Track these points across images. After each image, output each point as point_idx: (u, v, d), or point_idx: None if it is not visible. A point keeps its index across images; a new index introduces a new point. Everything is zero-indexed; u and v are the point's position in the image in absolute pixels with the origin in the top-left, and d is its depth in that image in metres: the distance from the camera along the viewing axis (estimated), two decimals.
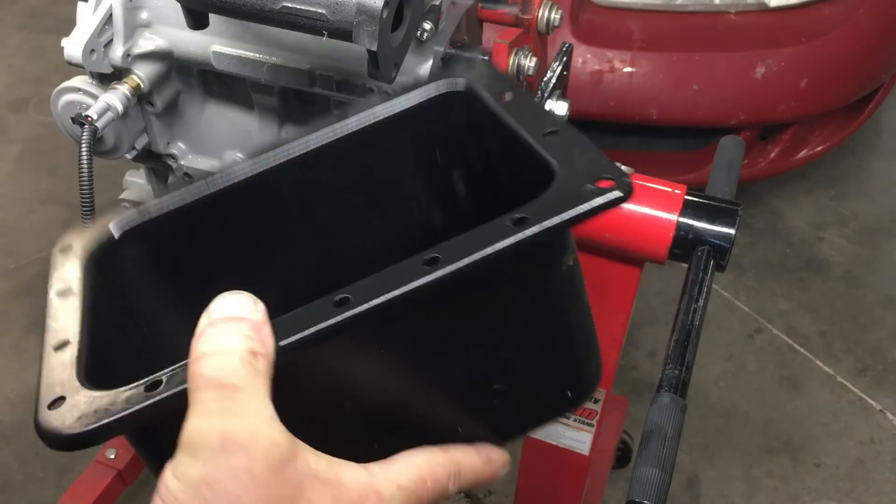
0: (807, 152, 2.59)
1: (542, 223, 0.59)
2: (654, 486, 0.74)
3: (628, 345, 2.32)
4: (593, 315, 0.80)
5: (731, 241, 0.99)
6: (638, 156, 2.49)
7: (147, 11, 1.04)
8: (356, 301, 0.56)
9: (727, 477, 2.10)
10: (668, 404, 0.81)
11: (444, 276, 0.57)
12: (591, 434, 1.29)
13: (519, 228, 0.58)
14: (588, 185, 0.61)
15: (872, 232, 2.79)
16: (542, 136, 0.68)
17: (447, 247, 0.59)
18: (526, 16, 1.08)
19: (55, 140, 3.03)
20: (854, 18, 2.33)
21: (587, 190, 0.61)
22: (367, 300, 0.56)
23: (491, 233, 0.59)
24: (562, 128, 0.69)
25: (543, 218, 0.59)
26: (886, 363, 2.37)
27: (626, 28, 2.26)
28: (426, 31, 0.95)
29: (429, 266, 0.57)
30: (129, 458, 1.74)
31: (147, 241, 0.73)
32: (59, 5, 3.76)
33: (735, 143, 1.22)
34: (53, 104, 1.07)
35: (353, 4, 0.77)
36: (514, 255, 0.58)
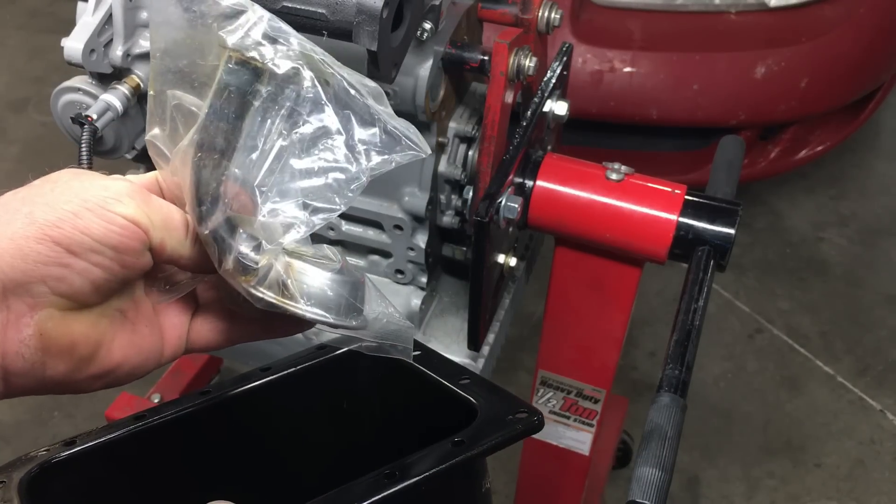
0: (807, 152, 2.59)
1: (480, 446, 0.71)
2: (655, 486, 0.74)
3: (628, 345, 2.32)
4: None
5: (731, 240, 0.99)
6: (638, 156, 2.49)
7: (147, 11, 1.04)
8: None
9: (727, 477, 2.10)
10: (669, 404, 0.81)
11: (405, 487, 0.65)
12: (592, 434, 1.29)
13: (460, 450, 0.69)
14: (510, 416, 0.74)
15: (872, 232, 2.79)
16: (458, 381, 0.81)
17: (399, 465, 0.68)
18: (526, 16, 1.08)
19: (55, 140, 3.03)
20: (854, 18, 2.33)
21: (511, 420, 0.74)
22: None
23: (437, 453, 0.69)
24: (471, 375, 0.82)
25: (478, 442, 0.71)
26: (886, 363, 2.37)
27: (627, 28, 2.26)
28: (426, 31, 0.95)
29: (388, 480, 0.66)
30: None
31: (74, 473, 0.76)
32: (58, 5, 3.76)
33: (735, 143, 1.22)
34: (53, 104, 1.07)
35: (353, 4, 0.77)
36: (453, 472, 0.68)
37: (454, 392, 0.80)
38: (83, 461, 0.75)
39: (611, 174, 1.02)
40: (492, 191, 0.98)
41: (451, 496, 0.75)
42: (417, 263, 1.15)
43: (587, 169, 1.05)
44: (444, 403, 0.81)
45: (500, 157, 1.03)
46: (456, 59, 1.02)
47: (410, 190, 1.10)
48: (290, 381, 0.86)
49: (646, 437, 0.79)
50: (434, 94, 1.01)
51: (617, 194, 1.02)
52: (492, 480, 0.82)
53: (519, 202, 0.98)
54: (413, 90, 0.98)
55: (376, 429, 0.93)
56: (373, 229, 1.15)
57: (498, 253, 1.08)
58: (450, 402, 0.80)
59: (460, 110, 1.10)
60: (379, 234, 1.15)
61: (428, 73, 0.97)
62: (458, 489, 0.76)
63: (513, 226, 1.03)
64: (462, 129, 1.09)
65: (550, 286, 1.16)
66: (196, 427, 0.83)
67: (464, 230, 1.15)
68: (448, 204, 1.13)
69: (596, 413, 1.26)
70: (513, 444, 0.76)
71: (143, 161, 1.21)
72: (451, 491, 0.74)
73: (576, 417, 1.28)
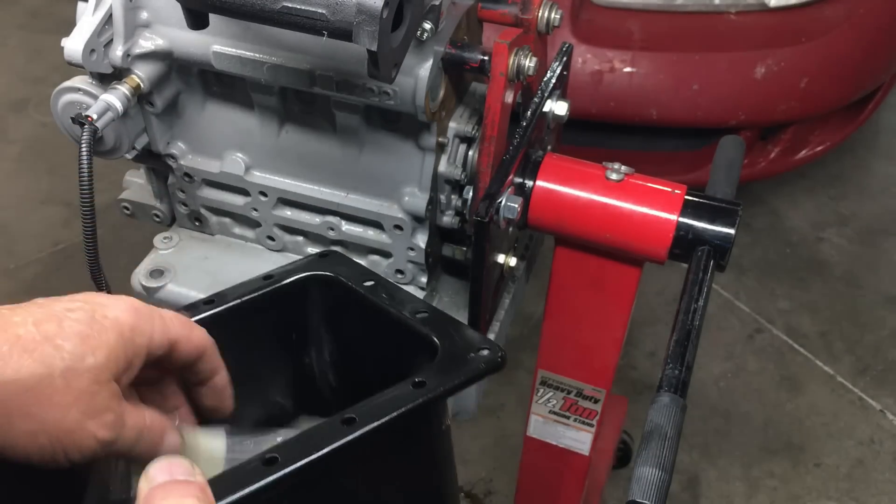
0: (807, 152, 2.59)
1: (441, 386, 0.69)
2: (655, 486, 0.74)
3: (628, 345, 2.32)
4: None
5: (730, 241, 0.99)
6: (638, 156, 2.49)
7: (147, 11, 1.04)
8: (284, 460, 0.62)
9: (727, 477, 2.10)
10: (668, 404, 0.81)
11: (365, 432, 0.65)
12: (591, 434, 1.29)
13: (420, 392, 0.68)
14: (471, 354, 0.73)
15: (872, 232, 2.80)
16: (415, 315, 0.80)
17: (360, 408, 0.67)
18: (526, 16, 1.08)
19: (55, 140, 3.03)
20: (854, 18, 2.33)
21: (471, 358, 0.73)
22: (296, 458, 0.63)
23: (396, 395, 0.68)
24: (429, 309, 0.81)
25: (440, 382, 0.70)
26: (886, 363, 2.37)
27: (626, 28, 2.26)
28: (426, 31, 0.95)
29: (346, 425, 0.65)
30: None
31: None
32: (59, 5, 3.76)
33: (735, 143, 1.22)
34: (53, 104, 1.07)
35: (353, 4, 0.77)
36: (414, 415, 0.68)
37: (413, 327, 0.79)
38: None
39: (611, 174, 1.02)
40: (492, 191, 0.98)
41: (410, 437, 0.74)
42: (417, 263, 1.15)
43: (587, 169, 1.05)
44: (402, 338, 0.79)
45: (500, 157, 1.03)
46: (456, 59, 1.02)
47: (410, 190, 1.10)
48: (236, 313, 0.85)
49: (646, 436, 0.79)
50: (434, 94, 1.01)
51: (617, 194, 1.02)
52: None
53: (519, 202, 0.98)
54: (413, 90, 0.98)
55: (332, 363, 0.91)
56: (373, 229, 1.15)
57: (498, 253, 1.08)
58: (408, 337, 0.79)
59: (460, 110, 1.11)
60: (379, 234, 1.15)
61: (428, 74, 0.97)
62: (418, 430, 0.75)
63: (513, 226, 1.03)
64: (462, 129, 1.09)
65: (550, 286, 1.16)
66: None
67: (464, 230, 1.15)
68: (448, 204, 1.13)
69: (596, 413, 1.26)
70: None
71: (144, 161, 1.21)
72: (410, 432, 0.73)
73: (576, 417, 1.28)
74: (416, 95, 0.98)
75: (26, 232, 2.72)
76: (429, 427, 0.75)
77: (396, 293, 0.84)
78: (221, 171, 1.16)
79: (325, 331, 0.90)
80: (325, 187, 1.14)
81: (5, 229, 2.73)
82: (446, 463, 0.80)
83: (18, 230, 2.73)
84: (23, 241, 2.69)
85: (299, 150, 1.13)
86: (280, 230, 1.21)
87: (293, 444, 0.65)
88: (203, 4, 0.84)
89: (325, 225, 1.16)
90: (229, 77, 1.09)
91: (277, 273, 0.89)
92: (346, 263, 0.91)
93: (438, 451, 0.79)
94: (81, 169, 0.97)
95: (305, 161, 1.13)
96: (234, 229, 1.25)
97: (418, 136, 1.06)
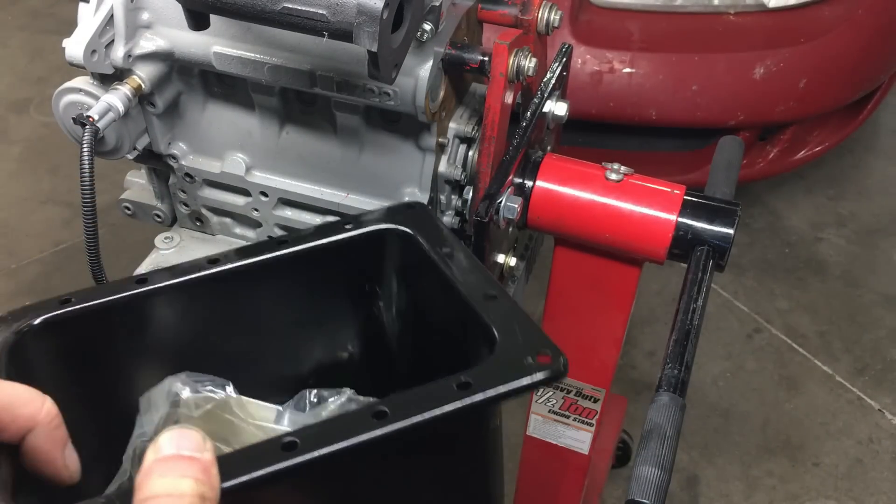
0: (806, 153, 2.60)
1: (486, 392, 0.63)
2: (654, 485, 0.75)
3: (627, 344, 2.32)
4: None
5: (729, 240, 0.99)
6: (638, 156, 2.50)
7: (148, 12, 1.04)
8: (304, 447, 0.58)
9: (726, 476, 2.11)
10: (668, 403, 0.81)
11: (392, 431, 0.60)
12: (591, 433, 1.30)
13: (464, 394, 0.62)
14: (529, 358, 0.66)
15: (871, 232, 2.80)
16: (483, 298, 0.72)
17: (393, 401, 0.62)
18: (526, 17, 1.08)
19: (56, 140, 3.03)
20: (853, 19, 2.33)
21: (528, 364, 0.65)
22: (315, 447, 0.58)
23: (436, 394, 0.62)
24: (499, 293, 0.73)
25: (487, 386, 0.63)
26: (885, 363, 2.38)
27: (626, 29, 2.26)
28: (426, 32, 0.95)
29: (377, 419, 0.60)
30: None
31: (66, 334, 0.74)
32: (60, 6, 3.76)
33: (734, 143, 1.22)
34: (55, 105, 1.08)
35: (353, 5, 0.77)
36: (453, 416, 0.62)
37: (476, 312, 0.72)
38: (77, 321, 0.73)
39: (610, 174, 1.03)
40: (492, 191, 0.98)
41: (449, 438, 0.69)
42: None
43: (586, 169, 1.05)
44: (466, 319, 0.72)
45: (499, 158, 1.03)
46: (456, 59, 1.02)
47: (411, 190, 1.10)
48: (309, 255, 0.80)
49: (645, 436, 0.79)
50: (434, 95, 1.01)
51: (616, 194, 1.02)
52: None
53: (518, 202, 0.99)
54: (413, 91, 0.98)
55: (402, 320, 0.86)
56: None
57: (498, 253, 1.08)
58: (471, 321, 0.72)
59: (460, 111, 1.11)
60: None
61: (428, 74, 0.97)
62: (459, 430, 0.69)
63: (512, 226, 1.03)
64: (462, 130, 1.09)
65: (550, 286, 1.17)
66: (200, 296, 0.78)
67: (464, 230, 1.16)
68: (448, 204, 1.13)
69: (595, 412, 1.27)
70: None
71: (145, 161, 1.21)
72: (449, 433, 0.68)
73: (575, 417, 1.28)
74: (417, 96, 0.98)
75: (27, 232, 2.72)
76: (471, 429, 0.70)
77: (472, 267, 0.77)
78: (222, 172, 1.16)
79: (399, 287, 0.85)
80: (325, 187, 1.14)
81: (6, 229, 2.73)
82: (491, 464, 0.75)
83: (19, 230, 2.73)
84: (24, 241, 2.69)
85: (300, 151, 1.13)
86: (281, 230, 1.21)
87: (317, 430, 0.61)
88: (204, 5, 0.85)
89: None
90: (230, 78, 1.09)
91: (358, 218, 0.84)
92: (429, 222, 0.84)
93: (481, 453, 0.73)
94: (83, 169, 0.97)
95: (306, 161, 1.13)
96: (235, 229, 1.25)
97: (418, 137, 1.07)
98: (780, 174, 2.69)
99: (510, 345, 0.68)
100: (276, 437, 0.59)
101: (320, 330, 0.87)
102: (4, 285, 2.55)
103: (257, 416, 0.75)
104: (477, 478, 0.75)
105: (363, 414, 0.61)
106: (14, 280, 2.57)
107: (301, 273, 0.81)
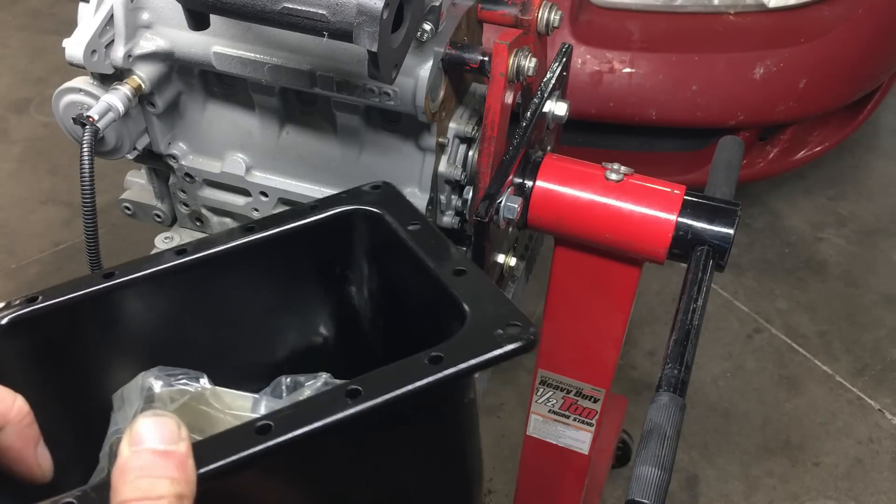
0: (805, 153, 2.60)
1: (458, 365, 0.64)
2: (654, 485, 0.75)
3: (627, 344, 2.32)
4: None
5: (729, 240, 0.99)
6: (638, 156, 2.50)
7: (148, 12, 1.04)
8: (278, 429, 0.59)
9: (726, 476, 2.11)
10: (668, 403, 0.81)
11: (365, 409, 0.60)
12: (591, 433, 1.30)
13: (436, 368, 0.63)
14: (499, 330, 0.66)
15: (871, 232, 2.80)
16: (451, 273, 0.73)
17: (366, 379, 0.62)
18: (526, 17, 1.08)
19: (56, 140, 3.04)
20: (853, 19, 2.33)
21: (498, 335, 0.66)
22: (289, 429, 0.59)
23: (409, 369, 0.63)
24: (469, 267, 0.74)
25: (458, 359, 0.64)
26: (885, 363, 2.38)
27: (626, 29, 2.26)
28: (426, 32, 0.95)
29: (350, 398, 0.61)
30: None
31: (35, 332, 0.73)
32: (60, 6, 3.76)
33: (734, 143, 1.22)
34: (55, 105, 1.08)
35: (353, 5, 0.77)
36: (425, 391, 0.63)
37: (445, 287, 0.72)
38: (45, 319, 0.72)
39: (610, 174, 1.03)
40: (492, 191, 0.98)
41: (423, 413, 0.69)
42: None
43: (586, 169, 1.05)
44: (436, 295, 0.73)
45: (499, 158, 1.03)
46: (456, 59, 1.02)
47: (411, 190, 1.10)
48: (276, 241, 0.80)
49: (645, 436, 0.79)
50: (434, 95, 1.01)
51: (616, 194, 1.02)
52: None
53: (518, 202, 0.99)
54: (413, 91, 0.98)
55: (375, 302, 0.86)
56: None
57: (498, 253, 1.08)
58: (441, 296, 0.73)
59: (460, 111, 1.11)
60: None
61: (428, 74, 0.98)
62: (432, 406, 0.70)
63: (512, 226, 1.03)
64: (462, 130, 1.09)
65: (550, 286, 1.17)
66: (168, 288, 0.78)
67: (464, 230, 1.16)
68: (448, 204, 1.13)
69: (595, 412, 1.27)
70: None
71: (145, 161, 1.21)
72: (423, 408, 0.68)
73: (575, 417, 1.28)
74: (417, 96, 0.98)
75: (27, 232, 2.72)
76: (445, 403, 0.70)
77: (440, 243, 0.77)
78: (222, 172, 1.16)
79: (369, 267, 0.85)
80: (325, 187, 1.14)
81: (6, 229, 2.73)
82: (467, 439, 0.75)
83: (19, 230, 2.73)
84: (24, 241, 2.69)
85: (300, 151, 1.13)
86: None
87: (291, 412, 0.61)
88: (204, 5, 0.85)
89: None
90: (230, 78, 1.09)
91: (324, 201, 0.85)
92: (396, 200, 0.85)
93: (457, 427, 0.73)
94: (83, 169, 0.97)
95: (306, 161, 1.13)
96: None
97: (418, 137, 1.07)
98: (780, 174, 2.69)
99: (480, 318, 0.68)
100: (250, 422, 0.59)
101: (293, 315, 0.87)
102: (4, 285, 2.55)
103: (234, 406, 0.75)
104: (454, 453, 0.75)
105: (336, 393, 0.61)
106: (14, 280, 2.57)
107: (270, 259, 0.81)
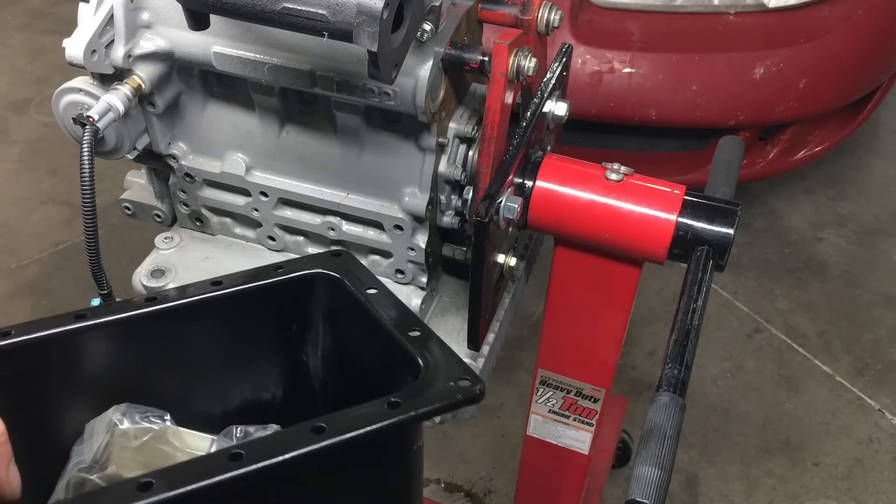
0: (805, 153, 2.60)
1: (416, 409, 0.72)
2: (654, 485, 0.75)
3: (627, 344, 2.32)
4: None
5: (729, 240, 0.99)
6: (637, 156, 2.50)
7: (148, 12, 1.04)
8: (249, 458, 0.64)
9: (726, 476, 2.11)
10: (668, 403, 0.81)
11: (329, 444, 0.67)
12: (591, 433, 1.30)
13: (395, 412, 0.71)
14: (451, 383, 0.75)
15: (871, 232, 2.80)
16: (407, 332, 0.82)
17: (329, 419, 0.69)
18: (526, 17, 1.08)
19: (56, 140, 3.04)
20: (853, 19, 2.33)
21: (450, 388, 0.75)
22: (259, 459, 0.64)
23: (369, 412, 0.70)
24: (423, 329, 0.83)
25: (415, 406, 0.72)
26: (885, 363, 2.38)
27: (626, 29, 2.26)
28: (426, 32, 0.95)
29: (315, 434, 0.67)
30: None
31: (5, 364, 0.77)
32: (60, 6, 3.76)
33: (734, 143, 1.22)
34: (55, 105, 1.08)
35: (353, 5, 0.77)
36: (384, 433, 0.70)
37: (402, 344, 0.81)
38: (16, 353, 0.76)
39: (610, 174, 1.03)
40: (492, 191, 0.98)
41: (378, 454, 0.76)
42: (417, 263, 1.16)
43: (586, 169, 1.05)
44: (392, 352, 0.82)
45: (499, 158, 1.03)
46: (456, 59, 1.02)
47: (411, 190, 1.10)
48: (241, 297, 0.87)
49: (645, 436, 0.79)
50: (434, 95, 1.01)
51: (616, 194, 1.02)
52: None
53: (518, 202, 0.99)
54: (413, 91, 0.98)
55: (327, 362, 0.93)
56: (373, 229, 1.16)
57: (498, 253, 1.08)
58: (397, 353, 0.81)
59: (460, 111, 1.11)
60: (379, 234, 1.15)
61: (428, 74, 0.98)
62: (387, 448, 0.77)
63: (512, 226, 1.03)
64: (462, 130, 1.09)
65: (550, 286, 1.17)
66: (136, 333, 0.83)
67: (464, 230, 1.16)
68: (448, 204, 1.13)
69: (595, 412, 1.27)
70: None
71: (145, 161, 1.21)
72: (379, 449, 0.76)
73: (575, 417, 1.28)
74: (417, 96, 0.98)
75: (27, 232, 2.73)
76: (398, 446, 0.78)
77: (397, 307, 0.86)
78: (222, 172, 1.16)
79: (325, 329, 0.92)
80: (325, 188, 1.14)
81: (6, 229, 2.73)
82: (413, 482, 0.83)
83: (20, 230, 2.73)
84: (24, 240, 2.69)
85: (300, 151, 1.13)
86: (281, 230, 1.22)
87: (261, 443, 0.67)
88: (204, 5, 0.85)
89: (326, 225, 1.17)
90: (230, 78, 1.09)
91: (288, 264, 0.91)
92: (355, 267, 0.93)
93: (406, 470, 0.81)
94: (83, 169, 0.97)
95: (306, 161, 1.14)
96: (235, 229, 1.25)
97: (418, 137, 1.07)
98: (780, 174, 2.69)
99: (434, 372, 0.77)
100: (223, 449, 0.64)
101: (249, 369, 0.93)
102: (4, 285, 2.55)
103: (192, 446, 0.80)
104: (399, 495, 0.82)
105: (303, 429, 0.67)
106: (14, 280, 2.57)
107: (233, 313, 0.88)
